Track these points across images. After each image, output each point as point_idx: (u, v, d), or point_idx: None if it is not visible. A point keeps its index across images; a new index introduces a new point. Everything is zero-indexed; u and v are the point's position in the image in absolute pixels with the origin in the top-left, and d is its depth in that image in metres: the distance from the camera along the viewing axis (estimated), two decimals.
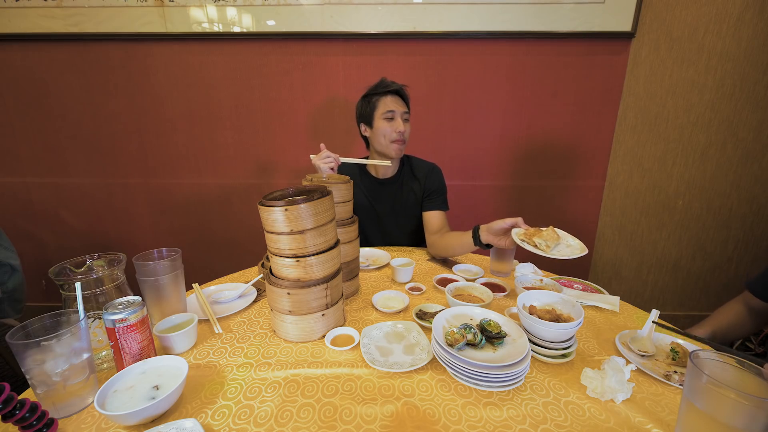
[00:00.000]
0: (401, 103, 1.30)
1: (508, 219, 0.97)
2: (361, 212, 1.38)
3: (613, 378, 0.62)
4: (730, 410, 0.44)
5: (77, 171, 1.92)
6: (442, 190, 1.38)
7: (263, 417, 0.58)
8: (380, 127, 1.28)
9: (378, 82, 1.32)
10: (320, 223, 0.75)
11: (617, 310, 0.92)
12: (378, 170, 1.39)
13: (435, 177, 1.38)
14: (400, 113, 1.28)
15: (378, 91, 1.29)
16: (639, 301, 1.71)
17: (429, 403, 0.61)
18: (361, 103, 1.34)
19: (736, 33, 1.66)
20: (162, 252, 0.83)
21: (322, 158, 1.18)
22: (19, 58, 1.75)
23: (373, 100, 1.30)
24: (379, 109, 1.29)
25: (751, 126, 1.77)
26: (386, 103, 1.28)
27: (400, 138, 1.28)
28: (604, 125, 1.83)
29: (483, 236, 1.03)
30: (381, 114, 1.28)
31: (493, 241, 1.02)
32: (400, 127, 1.27)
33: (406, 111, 1.30)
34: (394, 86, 1.29)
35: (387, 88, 1.29)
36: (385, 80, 1.31)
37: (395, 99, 1.29)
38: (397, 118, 1.27)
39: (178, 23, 1.68)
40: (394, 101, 1.28)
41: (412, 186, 1.38)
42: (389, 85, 1.29)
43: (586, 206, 1.95)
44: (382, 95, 1.29)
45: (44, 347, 0.56)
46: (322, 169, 1.17)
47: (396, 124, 1.27)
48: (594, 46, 1.71)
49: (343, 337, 0.78)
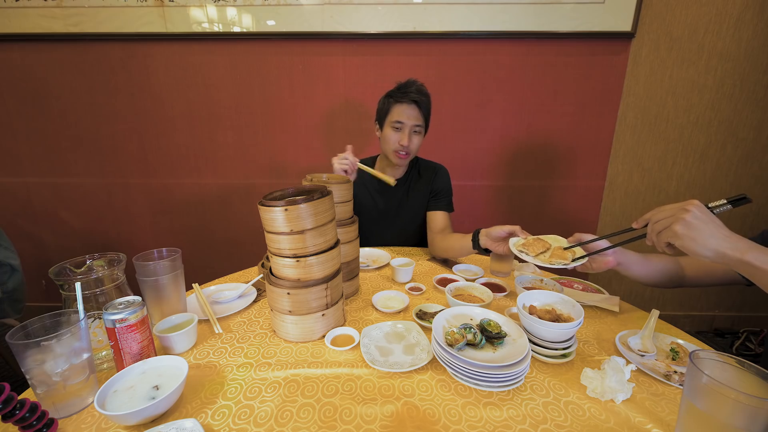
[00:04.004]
0: (415, 115, 1.23)
1: (506, 226, 0.97)
2: (366, 212, 1.37)
3: (613, 378, 0.62)
4: (730, 410, 0.44)
5: (77, 171, 1.92)
6: (448, 192, 1.38)
7: (263, 417, 0.58)
8: (387, 134, 1.27)
9: (403, 82, 1.25)
10: (320, 223, 0.75)
11: (617, 310, 0.92)
12: (386, 170, 1.38)
13: (442, 178, 1.38)
14: (409, 126, 1.23)
15: (395, 96, 1.24)
16: (639, 301, 1.71)
17: (429, 403, 0.61)
18: (381, 102, 1.30)
19: (736, 33, 1.66)
20: (162, 252, 0.83)
21: (339, 158, 1.17)
22: (19, 58, 1.75)
23: (387, 104, 1.26)
24: (391, 115, 1.25)
25: (751, 126, 1.77)
26: (398, 112, 1.23)
27: (402, 151, 1.25)
28: (604, 125, 1.83)
29: (482, 241, 1.03)
30: (391, 121, 1.25)
31: (492, 247, 1.01)
32: (404, 141, 1.23)
33: (419, 124, 1.24)
34: (411, 96, 1.21)
35: (404, 97, 1.22)
36: (408, 84, 1.24)
37: (410, 109, 1.22)
38: (405, 131, 1.23)
39: (178, 23, 1.68)
40: (407, 111, 1.22)
41: (419, 187, 1.37)
42: (407, 94, 1.22)
43: (586, 206, 1.95)
44: (397, 102, 1.23)
45: (44, 347, 0.56)
46: (335, 169, 1.16)
47: (401, 136, 1.23)
48: (594, 46, 1.71)
49: (343, 337, 0.78)
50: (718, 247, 0.63)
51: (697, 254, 0.64)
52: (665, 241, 0.68)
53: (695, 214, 0.64)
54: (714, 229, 0.64)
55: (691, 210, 0.65)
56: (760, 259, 0.61)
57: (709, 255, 0.64)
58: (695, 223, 0.64)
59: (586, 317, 0.75)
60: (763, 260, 0.61)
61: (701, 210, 0.65)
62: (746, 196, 0.68)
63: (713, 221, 0.65)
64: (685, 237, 0.64)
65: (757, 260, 0.61)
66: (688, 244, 0.64)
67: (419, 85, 1.24)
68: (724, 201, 0.68)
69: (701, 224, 0.64)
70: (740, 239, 0.64)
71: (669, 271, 0.92)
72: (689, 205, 0.65)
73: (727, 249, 0.63)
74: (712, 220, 0.65)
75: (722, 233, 0.64)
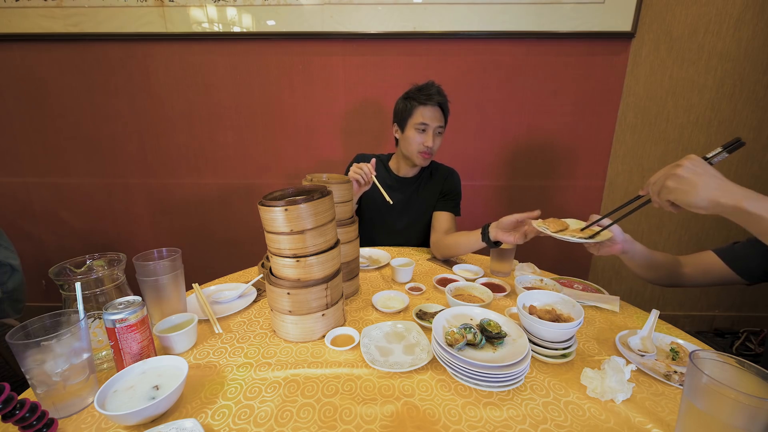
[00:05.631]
0: (438, 117, 1.26)
1: (516, 214, 0.99)
2: (374, 207, 1.37)
3: (613, 378, 0.62)
4: (730, 410, 0.44)
5: (77, 171, 1.92)
6: (457, 195, 1.39)
7: (263, 417, 0.58)
8: (410, 135, 1.27)
9: (424, 84, 1.26)
10: (320, 223, 0.75)
11: (617, 310, 0.92)
12: (400, 169, 1.39)
13: (453, 181, 1.40)
14: (433, 127, 1.25)
15: (419, 99, 1.24)
16: (639, 301, 1.71)
17: (429, 403, 0.61)
18: (400, 104, 1.30)
19: (736, 33, 1.66)
20: (162, 252, 0.83)
21: (355, 169, 1.16)
22: (19, 58, 1.75)
23: (410, 105, 1.26)
24: (414, 117, 1.25)
25: (751, 126, 1.77)
26: (423, 114, 1.24)
27: (427, 152, 1.27)
28: (604, 125, 1.83)
29: (493, 233, 1.03)
30: (414, 123, 1.25)
31: (503, 238, 1.01)
32: (428, 142, 1.25)
33: (441, 126, 1.27)
34: (436, 98, 1.23)
35: (429, 99, 1.23)
36: (430, 87, 1.25)
37: (434, 111, 1.24)
38: (429, 132, 1.25)
39: (178, 23, 1.68)
40: (431, 113, 1.24)
41: (430, 188, 1.38)
42: (431, 96, 1.23)
43: (586, 206, 1.95)
44: (421, 104, 1.24)
45: (44, 347, 0.56)
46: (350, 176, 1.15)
47: (426, 137, 1.25)
48: (594, 46, 1.71)
49: (343, 337, 0.78)
50: (711, 197, 0.62)
51: (692, 206, 0.64)
52: (665, 198, 0.68)
53: (687, 167, 0.65)
54: (708, 179, 0.63)
55: (683, 164, 0.65)
56: (755, 205, 0.60)
57: (704, 205, 0.63)
58: (687, 176, 0.64)
59: (586, 317, 0.75)
60: (758, 206, 0.60)
61: (695, 163, 0.65)
62: (740, 139, 0.67)
63: (707, 172, 0.64)
64: (678, 191, 0.65)
65: (752, 207, 0.60)
66: (681, 197, 0.65)
67: (439, 87, 1.26)
68: (720, 149, 0.68)
69: (694, 176, 0.64)
70: (736, 187, 0.63)
71: (668, 265, 0.94)
72: (683, 160, 0.66)
73: (720, 197, 0.62)
74: (705, 171, 0.64)
75: (716, 183, 0.63)
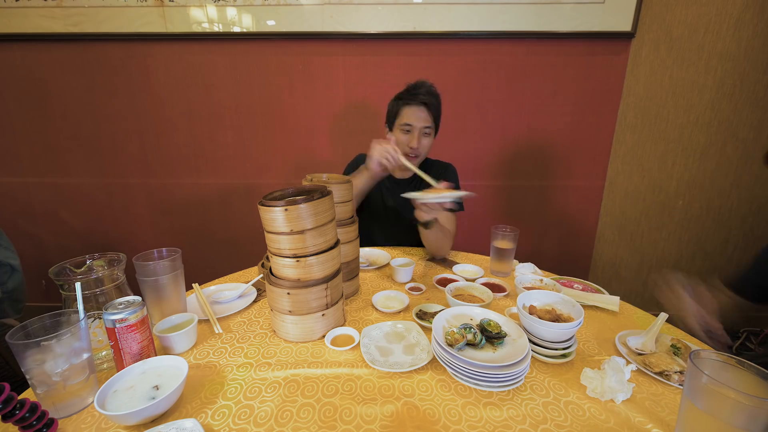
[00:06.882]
0: (424, 117, 1.22)
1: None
2: (372, 208, 1.37)
3: (613, 378, 0.62)
4: (730, 410, 0.44)
5: (77, 171, 1.92)
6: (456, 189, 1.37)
7: (263, 417, 0.58)
8: (396, 136, 1.26)
9: (413, 84, 1.24)
10: (320, 223, 0.75)
11: (617, 310, 0.92)
12: (395, 170, 1.37)
13: (448, 176, 1.35)
14: (418, 128, 1.22)
15: (404, 98, 1.23)
16: (639, 301, 1.70)
17: (429, 403, 0.61)
18: (390, 104, 1.29)
19: (736, 33, 1.66)
20: (162, 252, 0.83)
21: (384, 149, 1.09)
22: (19, 58, 1.75)
23: (397, 106, 1.25)
24: (400, 118, 1.24)
25: (751, 126, 1.77)
26: (407, 115, 1.22)
27: (412, 153, 1.25)
28: (604, 125, 1.83)
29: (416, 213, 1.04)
30: (400, 124, 1.25)
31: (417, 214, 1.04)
32: (413, 143, 1.23)
33: (428, 126, 1.24)
34: (421, 98, 1.21)
35: (413, 99, 1.21)
36: (418, 86, 1.22)
37: (419, 111, 1.22)
38: (414, 133, 1.23)
39: (178, 23, 1.68)
40: (416, 113, 1.22)
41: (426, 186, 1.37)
42: (417, 95, 1.21)
43: (586, 206, 1.95)
44: (407, 104, 1.23)
45: (44, 347, 0.56)
46: (373, 158, 1.11)
47: (411, 138, 1.23)
48: (594, 46, 1.71)
49: (343, 337, 0.78)
50: None
51: None
52: None
53: None
54: None
55: None
56: None
57: None
58: None
59: (586, 317, 0.75)
60: None
61: None
62: None
63: None
64: None
65: None
66: None
67: (429, 86, 1.23)
68: None
69: None
70: None
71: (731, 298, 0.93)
72: None
73: None
74: None
75: None
